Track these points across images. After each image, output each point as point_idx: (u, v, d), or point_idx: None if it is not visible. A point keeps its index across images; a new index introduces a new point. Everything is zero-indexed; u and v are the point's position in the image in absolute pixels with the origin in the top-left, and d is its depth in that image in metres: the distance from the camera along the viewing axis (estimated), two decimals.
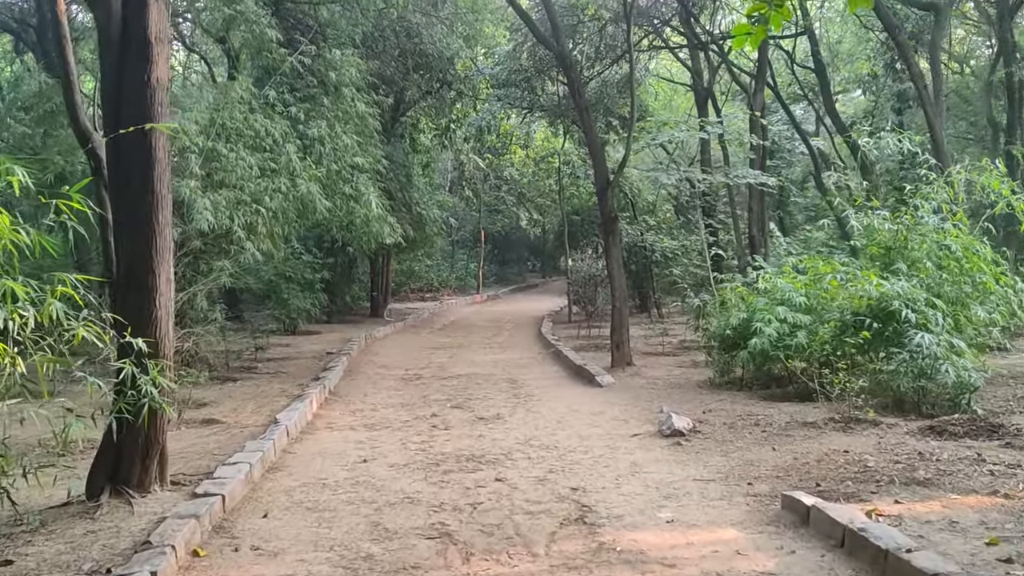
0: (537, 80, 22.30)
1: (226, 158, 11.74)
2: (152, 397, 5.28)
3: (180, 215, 11.48)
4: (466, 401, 11.03)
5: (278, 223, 12.52)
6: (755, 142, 13.29)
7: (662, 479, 6.73)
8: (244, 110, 12.39)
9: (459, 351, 17.34)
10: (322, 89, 14.03)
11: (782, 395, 10.12)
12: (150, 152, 5.85)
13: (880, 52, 23.52)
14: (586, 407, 10.24)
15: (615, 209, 13.28)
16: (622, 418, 9.46)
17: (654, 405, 10.07)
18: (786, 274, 10.70)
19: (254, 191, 11.94)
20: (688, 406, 9.80)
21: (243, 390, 11.66)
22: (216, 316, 12.30)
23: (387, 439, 8.71)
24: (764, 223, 14.92)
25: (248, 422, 9.32)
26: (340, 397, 11.57)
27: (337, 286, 22.34)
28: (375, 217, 13.86)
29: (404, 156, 23.21)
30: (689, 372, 12.64)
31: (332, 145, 13.43)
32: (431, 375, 13.74)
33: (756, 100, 14.47)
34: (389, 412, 10.36)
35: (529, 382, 12.61)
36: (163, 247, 5.92)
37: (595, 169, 13.29)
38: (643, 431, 8.70)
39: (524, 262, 50.31)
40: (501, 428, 9.17)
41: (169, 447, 7.95)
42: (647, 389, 11.27)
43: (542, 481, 6.83)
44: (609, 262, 13.20)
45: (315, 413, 10.23)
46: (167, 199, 5.97)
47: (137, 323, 5.77)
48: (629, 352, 13.28)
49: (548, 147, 31.46)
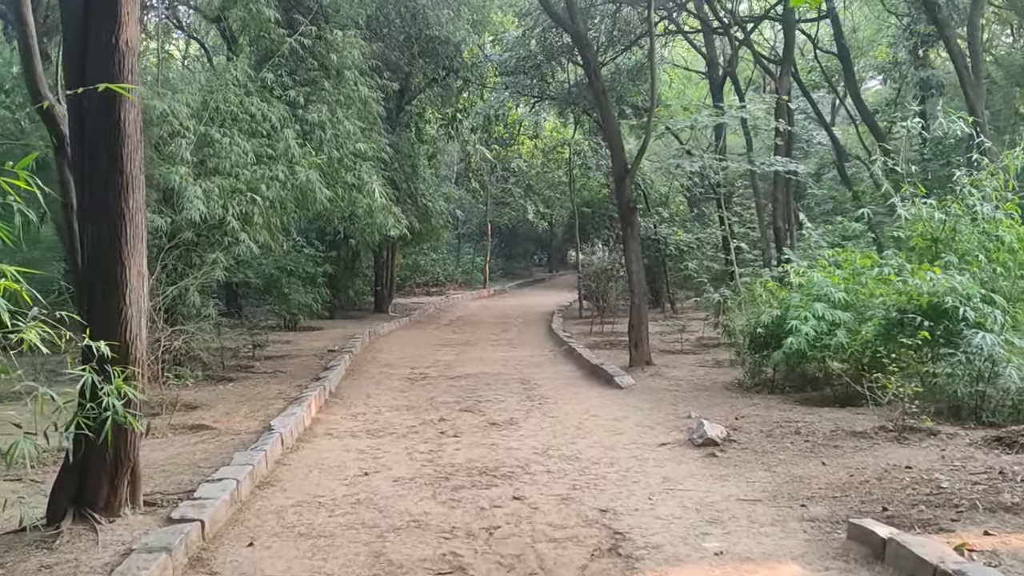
0: (547, 67, 21.46)
1: (220, 144, 10.98)
2: (116, 410, 4.51)
3: (170, 204, 10.75)
4: (476, 404, 10.27)
5: (276, 213, 11.76)
6: (782, 127, 12.48)
7: (701, 498, 5.96)
8: (240, 93, 11.62)
9: (467, 348, 16.58)
10: (323, 72, 13.25)
11: (819, 399, 9.35)
12: (119, 126, 5.09)
13: (902, 38, 22.65)
14: (606, 411, 9.47)
15: (634, 199, 12.48)
16: (647, 424, 8.68)
17: (680, 409, 9.30)
18: (821, 268, 9.90)
19: (250, 179, 11.18)
20: (718, 411, 9.03)
21: (238, 391, 10.92)
22: (210, 312, 11.54)
23: (391, 448, 7.95)
24: (790, 214, 14.13)
25: (240, 428, 8.57)
26: (341, 399, 10.82)
27: (340, 280, 21.59)
28: (379, 207, 13.08)
29: (409, 146, 22.43)
30: (713, 373, 11.87)
31: (333, 131, 12.65)
32: (438, 374, 12.99)
33: (782, 83, 13.64)
34: (393, 416, 9.60)
35: (543, 383, 11.85)
36: (134, 235, 5.15)
37: (612, 156, 12.49)
38: (671, 439, 7.93)
39: (530, 256, 49.59)
40: (515, 435, 8.41)
41: (151, 457, 7.24)
42: (670, 391, 10.49)
43: (566, 500, 6.06)
44: (627, 255, 12.42)
45: (314, 417, 9.48)
46: (139, 180, 5.20)
47: (103, 323, 5.02)
48: (648, 351, 12.50)
49: (557, 137, 30.64)
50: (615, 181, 12.67)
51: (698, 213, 27.86)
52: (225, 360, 13.12)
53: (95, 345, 4.44)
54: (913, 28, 21.02)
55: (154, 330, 9.58)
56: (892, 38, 23.85)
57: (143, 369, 5.20)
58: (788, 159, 12.63)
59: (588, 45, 12.63)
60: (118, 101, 5.08)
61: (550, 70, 21.56)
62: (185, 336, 10.43)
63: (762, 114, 12.04)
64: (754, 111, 12.03)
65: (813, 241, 11.59)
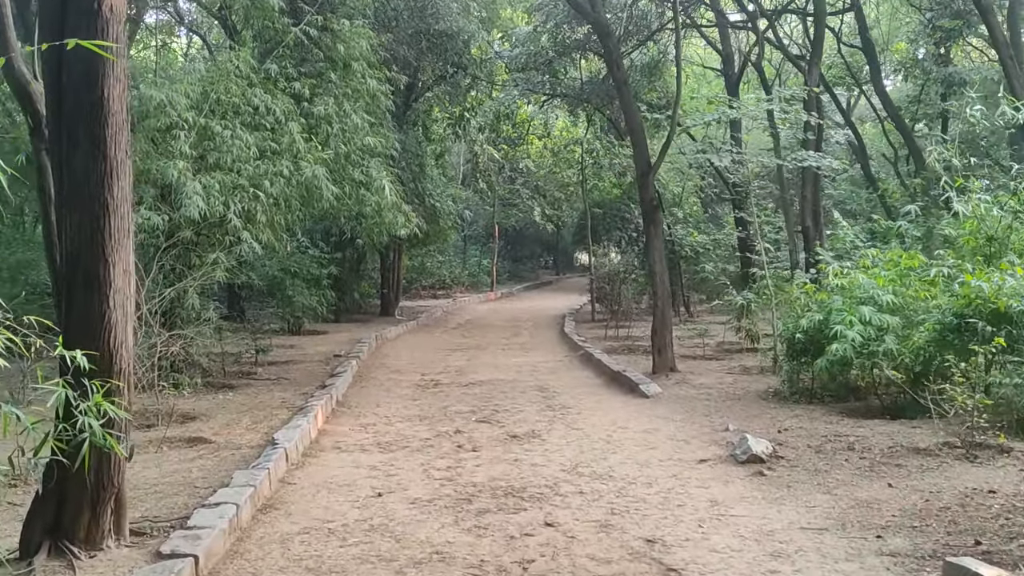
0: (559, 63, 20.81)
1: (221, 137, 10.34)
2: (93, 432, 3.85)
3: (168, 201, 10.12)
4: (493, 414, 9.61)
5: (280, 211, 11.11)
6: (814, 121, 11.81)
7: (759, 526, 5.29)
8: (243, 84, 10.98)
9: (478, 353, 15.93)
10: (329, 64, 12.59)
11: (864, 410, 8.68)
12: (101, 103, 4.44)
13: (923, 34, 21.97)
14: (635, 423, 8.80)
15: (657, 197, 11.82)
16: (681, 438, 8.02)
17: (715, 421, 8.63)
18: (864, 268, 9.25)
19: (253, 175, 10.53)
20: (757, 423, 8.36)
21: (239, 400, 10.27)
22: (210, 315, 10.88)
23: (405, 464, 7.29)
24: (818, 213, 13.46)
25: (241, 441, 7.92)
26: (349, 408, 10.16)
27: (345, 282, 20.94)
28: (388, 206, 12.42)
29: (417, 145, 21.78)
30: (743, 380, 11.19)
31: (340, 125, 11.99)
32: (450, 381, 12.33)
33: (811, 75, 12.97)
34: (405, 427, 8.95)
35: (562, 390, 11.18)
36: (119, 228, 4.50)
37: (634, 152, 11.83)
38: (711, 455, 7.27)
39: (537, 258, 48.87)
40: (539, 449, 7.74)
41: (142, 476, 6.59)
42: (701, 401, 9.82)
43: (605, 527, 5.40)
44: (650, 255, 11.76)
45: (320, 428, 8.82)
46: (125, 166, 4.55)
47: (83, 328, 4.38)
48: (672, 357, 11.84)
49: (568, 136, 29.97)
50: (637, 178, 12.01)
51: (712, 214, 27.23)
52: (226, 366, 12.48)
53: (69, 355, 3.79)
54: (936, 23, 20.34)
55: (150, 335, 8.97)
56: (912, 34, 23.18)
57: (129, 381, 4.55)
58: (820, 154, 11.96)
59: (609, 34, 11.98)
60: (101, 75, 4.44)
61: (562, 66, 20.90)
62: (183, 341, 9.79)
63: (796, 106, 11.34)
64: (785, 104, 11.32)
65: (848, 240, 10.92)
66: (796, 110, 11.44)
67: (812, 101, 12.31)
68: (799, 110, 11.51)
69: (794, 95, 11.62)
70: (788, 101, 11.53)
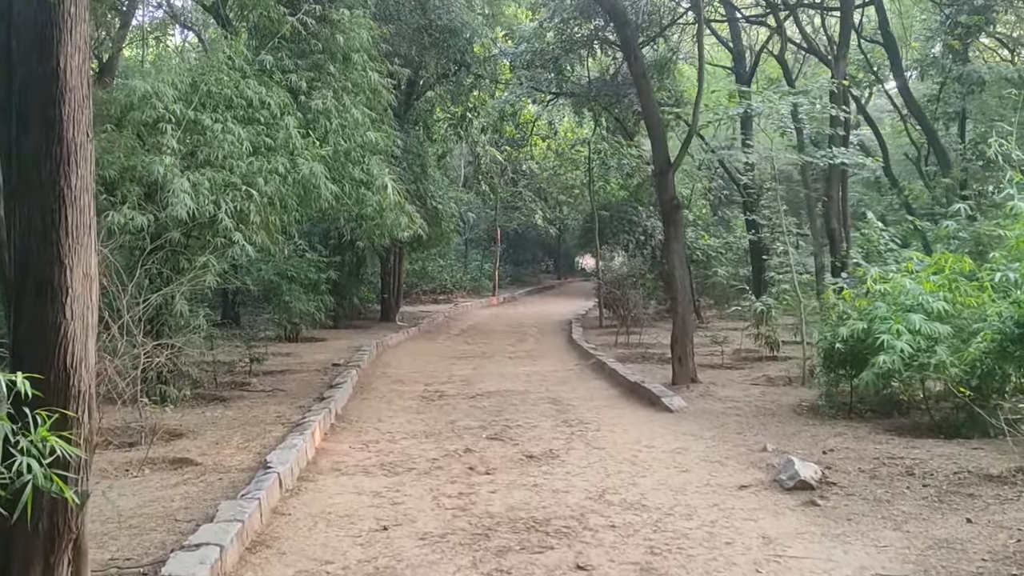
0: (565, 59, 20.11)
1: (211, 131, 9.60)
2: (35, 476, 3.11)
3: (154, 201, 9.38)
4: (505, 430, 8.88)
5: (275, 211, 10.37)
6: (843, 116, 11.09)
7: (826, 572, 4.56)
8: (235, 76, 10.25)
9: (483, 362, 15.20)
10: (328, 56, 11.86)
11: (912, 427, 7.96)
12: (57, 75, 3.72)
13: (939, 31, 21.26)
14: (661, 441, 8.07)
15: (678, 196, 11.10)
16: (715, 459, 7.29)
17: (749, 439, 7.91)
18: (907, 272, 8.53)
19: (246, 172, 9.79)
20: (797, 442, 7.64)
21: (231, 414, 9.53)
22: (200, 322, 10.14)
23: (413, 489, 6.56)
24: (846, 214, 12.73)
25: (231, 463, 7.18)
26: (349, 423, 9.43)
27: (344, 287, 20.18)
28: (390, 205, 11.68)
29: (419, 145, 21.05)
30: (771, 392, 10.47)
31: (340, 120, 11.25)
32: (455, 392, 11.61)
33: (838, 68, 12.25)
34: (411, 445, 8.22)
35: (577, 403, 10.46)
36: (78, 224, 3.77)
37: (653, 149, 11.13)
38: (752, 480, 6.54)
39: (538, 262, 48.15)
40: (560, 472, 7.01)
41: (117, 506, 5.85)
42: (730, 416, 9.09)
43: (647, 572, 4.67)
44: (670, 258, 11.04)
45: (318, 447, 8.09)
46: (86, 150, 3.83)
47: (33, 343, 3.66)
48: (693, 367, 11.11)
49: (572, 137, 29.26)
50: (656, 176, 11.30)
51: (719, 218, 26.52)
52: (218, 376, 11.76)
53: (7, 379, 3.06)
54: (955, 19, 19.63)
55: (133, 344, 8.24)
56: (928, 31, 22.46)
57: (91, 407, 3.81)
58: (850, 150, 11.25)
59: (627, 22, 11.27)
60: (56, 41, 3.71)
61: (569, 63, 20.19)
62: (170, 351, 9.03)
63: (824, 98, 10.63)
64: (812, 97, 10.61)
65: (881, 243, 10.20)
66: (825, 104, 10.73)
67: (840, 95, 11.60)
68: (828, 103, 10.80)
69: (822, 86, 10.90)
70: (814, 94, 10.81)
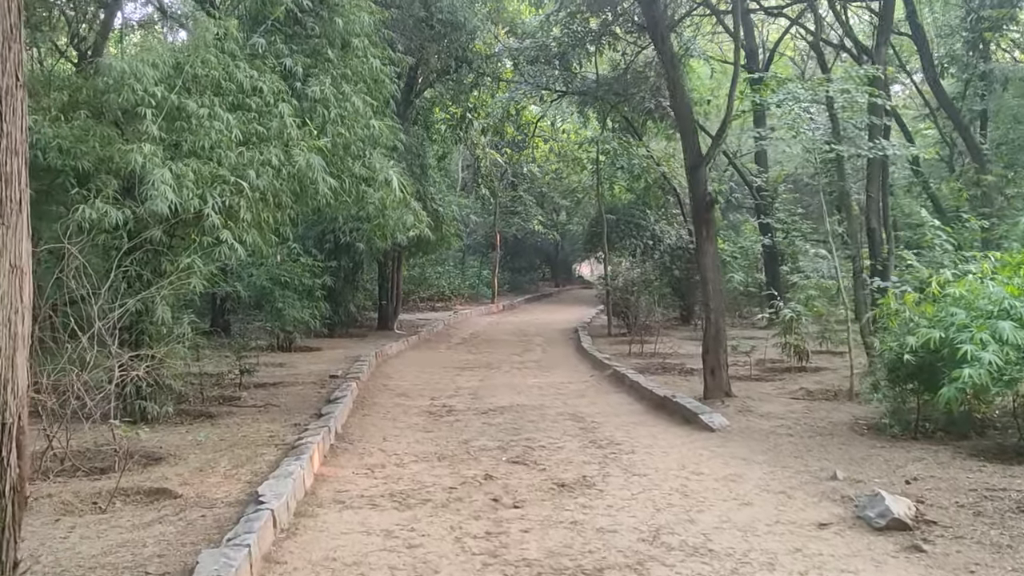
0: (573, 55, 19.15)
1: (196, 117, 8.60)
2: None
3: (132, 194, 8.38)
4: (527, 452, 7.89)
5: (267, 207, 9.35)
6: (887, 105, 10.13)
7: None
8: (224, 57, 9.25)
9: (490, 372, 14.21)
10: (326, 41, 10.86)
11: (997, 450, 7.00)
12: None
13: (960, 28, 20.43)
14: (709, 466, 7.08)
15: (712, 192, 10.13)
16: (777, 488, 6.30)
17: (811, 465, 6.93)
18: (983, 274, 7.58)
19: (235, 163, 8.79)
20: (869, 469, 6.66)
21: (219, 433, 8.51)
22: (184, 330, 9.12)
23: (430, 527, 5.55)
24: (886, 214, 11.77)
25: (216, 494, 6.16)
26: (351, 443, 8.42)
27: (340, 293, 19.14)
28: (394, 202, 10.66)
29: (419, 144, 20.08)
30: (816, 408, 9.49)
31: (339, 110, 10.25)
32: (465, 407, 10.62)
33: (879, 55, 11.31)
34: (422, 470, 7.22)
35: (602, 420, 9.47)
36: (1, 200, 2.77)
37: (684, 140, 10.17)
38: (830, 517, 5.55)
39: (535, 269, 47.16)
40: (600, 505, 6.02)
41: (78, 552, 4.84)
42: (781, 436, 8.10)
43: None
44: (703, 260, 10.05)
45: (317, 472, 7.08)
46: (14, 99, 2.83)
47: None
48: (727, 379, 10.14)
49: (576, 139, 28.31)
50: (687, 171, 10.33)
51: (729, 222, 25.62)
52: (205, 390, 10.75)
53: None
54: (979, 12, 18.78)
55: (106, 355, 7.21)
56: (948, 28, 21.65)
57: (20, 444, 2.81)
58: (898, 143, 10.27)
59: (655, 0, 10.29)
60: None
61: (576, 58, 19.24)
62: (151, 362, 8.00)
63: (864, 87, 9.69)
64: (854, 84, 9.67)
65: (937, 244, 9.25)
66: (872, 91, 9.78)
67: (880, 83, 10.67)
68: (875, 91, 9.86)
69: (863, 74, 9.95)
70: (857, 81, 9.86)
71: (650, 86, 19.10)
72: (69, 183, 8.45)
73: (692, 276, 22.12)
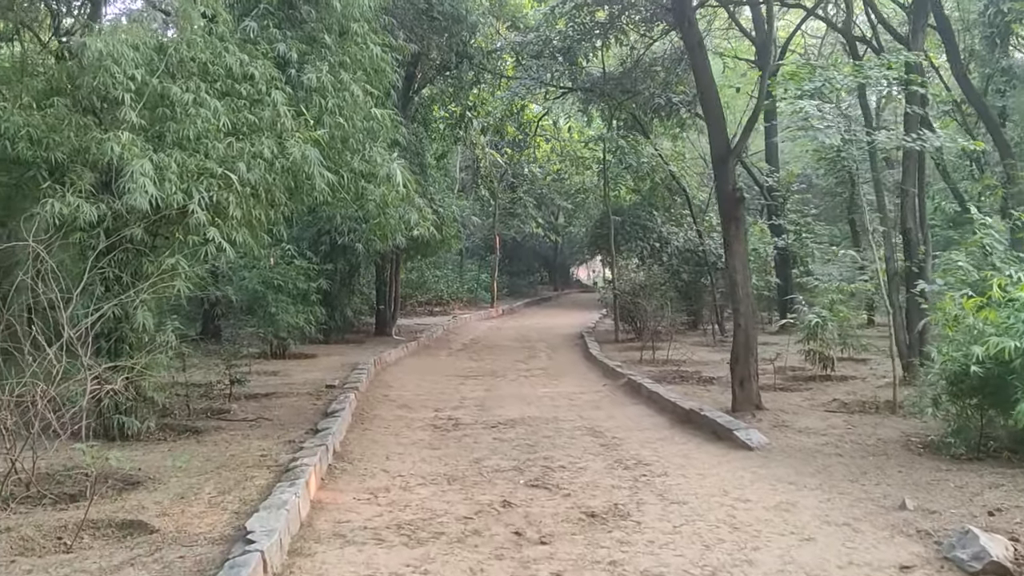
0: (579, 48, 18.41)
1: (181, 104, 7.81)
2: None
3: (108, 187, 7.60)
4: (546, 473, 7.11)
5: (259, 204, 8.56)
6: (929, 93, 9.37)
7: None
8: (213, 41, 8.47)
9: (496, 381, 13.44)
10: (323, 26, 10.09)
11: None
12: None
13: (978, 22, 19.72)
14: (755, 491, 6.30)
15: (739, 186, 9.37)
16: (839, 520, 5.52)
17: (871, 490, 6.15)
18: None
19: (224, 155, 8.01)
20: (940, 497, 5.89)
21: (204, 452, 7.71)
22: (168, 338, 8.32)
23: (445, 568, 4.78)
24: (923, 212, 11.01)
25: (199, 528, 5.37)
26: (351, 463, 7.63)
27: (336, 298, 18.33)
28: (396, 199, 9.86)
29: (418, 142, 19.32)
30: (857, 422, 8.72)
31: (337, 99, 9.47)
32: (472, 419, 9.85)
33: (916, 40, 10.57)
34: (431, 495, 6.43)
35: (623, 435, 8.70)
36: None
37: (710, 132, 9.43)
38: (909, 556, 4.78)
39: (534, 273, 46.42)
40: (640, 541, 5.24)
41: None
42: (829, 456, 7.31)
43: None
44: (731, 261, 9.29)
45: (314, 499, 6.29)
46: None
47: None
48: (757, 390, 9.37)
49: (580, 137, 27.56)
50: (714, 164, 9.57)
51: None
52: (192, 402, 9.96)
53: None
54: (1000, 6, 18.07)
55: (77, 367, 6.41)
56: (964, 22, 20.93)
57: None
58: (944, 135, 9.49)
59: None
60: None
61: (582, 51, 18.50)
62: (130, 374, 7.20)
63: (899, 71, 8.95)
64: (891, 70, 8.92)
65: (987, 243, 8.48)
66: (915, 78, 9.04)
67: (920, 69, 9.93)
68: (917, 77, 9.13)
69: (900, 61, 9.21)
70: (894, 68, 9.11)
71: (660, 81, 18.34)
72: (41, 176, 7.69)
73: (700, 279, 21.46)
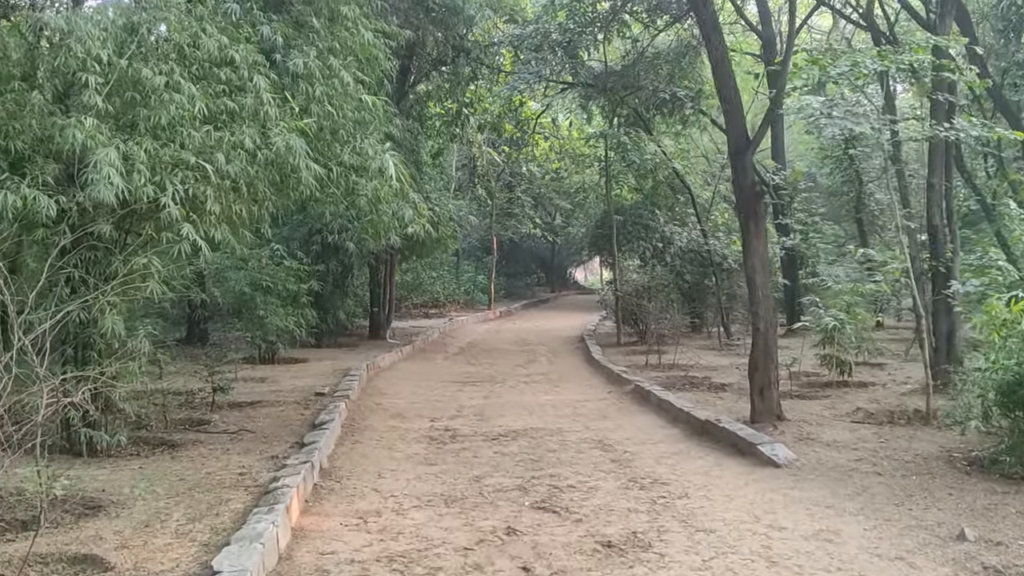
0: (580, 41, 17.76)
1: (152, 88, 7.12)
2: None
3: (72, 179, 6.90)
4: (553, 493, 6.44)
5: (241, 199, 7.87)
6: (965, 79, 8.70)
7: None
8: (189, 20, 7.79)
9: (495, 388, 12.76)
10: (310, 8, 9.42)
11: None
12: None
13: (992, 15, 19.10)
14: (788, 516, 5.63)
15: (760, 181, 8.72)
16: (891, 553, 4.85)
17: (920, 516, 5.49)
18: None
19: (200, 145, 7.32)
20: (1003, 525, 5.25)
21: (178, 470, 7.03)
22: (140, 344, 7.61)
23: None
24: (951, 209, 10.34)
25: (160, 564, 4.69)
26: (339, 481, 6.95)
27: (328, 300, 17.61)
28: (389, 194, 9.18)
29: (413, 139, 18.63)
30: (888, 434, 8.05)
31: (325, 87, 8.79)
32: (471, 431, 9.18)
33: (943, 25, 9.96)
34: (427, 521, 5.76)
35: (635, 449, 8.02)
36: None
37: (727, 122, 8.76)
38: None
39: (530, 275, 45.71)
40: None
41: None
42: (867, 475, 6.63)
43: None
44: (750, 260, 8.63)
45: (296, 526, 5.61)
46: None
47: None
48: (778, 400, 8.71)
49: (580, 134, 26.90)
50: (731, 157, 8.91)
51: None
52: (170, 411, 9.27)
53: None
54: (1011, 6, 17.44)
55: (30, 378, 5.72)
56: (977, 16, 20.29)
57: None
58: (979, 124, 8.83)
59: None
60: None
61: (582, 44, 17.85)
62: (96, 383, 6.49)
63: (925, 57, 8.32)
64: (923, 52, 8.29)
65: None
66: (947, 63, 8.41)
67: (948, 55, 9.29)
68: (948, 63, 8.50)
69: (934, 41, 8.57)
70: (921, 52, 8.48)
71: (664, 75, 17.69)
72: (1, 167, 7.01)
73: (704, 280, 20.82)
